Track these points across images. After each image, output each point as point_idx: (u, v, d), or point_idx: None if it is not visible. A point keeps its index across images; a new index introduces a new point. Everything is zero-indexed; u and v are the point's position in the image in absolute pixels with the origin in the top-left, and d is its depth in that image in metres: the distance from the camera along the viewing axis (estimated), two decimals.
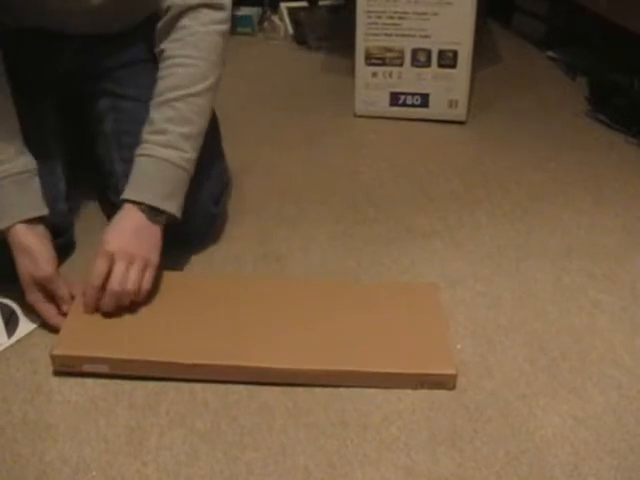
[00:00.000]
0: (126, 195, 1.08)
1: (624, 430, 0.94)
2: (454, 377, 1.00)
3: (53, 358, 1.00)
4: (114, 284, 1.02)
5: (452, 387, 1.00)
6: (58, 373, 1.01)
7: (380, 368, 1.00)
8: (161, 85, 1.12)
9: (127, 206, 1.07)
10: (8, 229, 1.05)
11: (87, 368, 1.00)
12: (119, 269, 1.03)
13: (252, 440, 0.92)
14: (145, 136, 1.10)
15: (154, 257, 1.07)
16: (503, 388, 1.00)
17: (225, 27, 1.18)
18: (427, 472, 0.88)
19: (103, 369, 1.00)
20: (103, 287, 1.03)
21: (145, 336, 1.03)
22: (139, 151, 1.10)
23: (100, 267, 1.02)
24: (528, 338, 1.09)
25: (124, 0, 1.22)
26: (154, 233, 1.08)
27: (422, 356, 1.02)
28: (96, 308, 1.04)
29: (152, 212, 1.07)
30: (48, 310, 1.06)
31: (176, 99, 1.10)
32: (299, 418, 0.95)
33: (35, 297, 1.05)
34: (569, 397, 0.99)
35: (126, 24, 1.27)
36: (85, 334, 1.03)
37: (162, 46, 1.14)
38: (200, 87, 1.12)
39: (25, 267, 1.04)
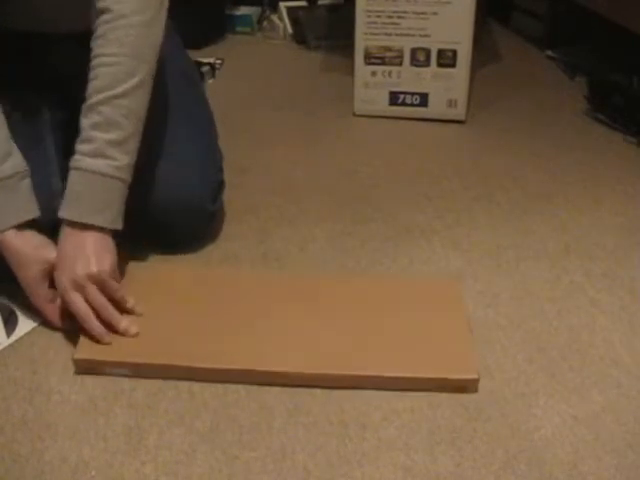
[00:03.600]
0: (59, 213, 1.05)
1: (623, 429, 0.94)
2: (476, 381, 0.98)
3: (75, 362, 1.00)
4: (83, 323, 1.01)
5: (474, 391, 0.98)
6: (57, 372, 1.01)
7: (400, 372, 0.98)
8: (88, 88, 1.05)
9: (63, 226, 1.05)
10: None
11: (109, 372, 1.00)
12: (79, 307, 1.01)
13: (251, 439, 0.92)
14: (75, 145, 1.06)
15: (103, 267, 1.02)
16: (502, 387, 1.00)
17: (150, 14, 1.06)
18: (426, 471, 0.88)
19: (125, 372, 1.00)
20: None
21: (166, 340, 1.03)
22: (70, 163, 1.06)
23: (70, 306, 1.02)
24: (527, 337, 1.09)
25: None
26: (97, 241, 1.04)
27: (443, 359, 0.99)
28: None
29: (85, 225, 1.04)
30: (54, 313, 1.06)
31: (101, 102, 1.04)
32: (298, 418, 0.95)
33: (40, 301, 1.05)
34: (568, 396, 0.99)
35: None
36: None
37: (91, 44, 1.08)
38: (125, 87, 1.04)
39: (29, 269, 1.04)
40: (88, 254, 1.02)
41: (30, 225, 1.06)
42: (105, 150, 1.04)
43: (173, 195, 1.20)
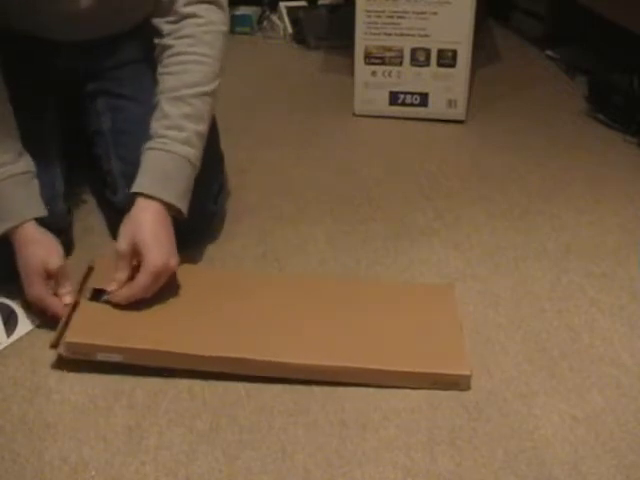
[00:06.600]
0: (144, 189, 1.06)
1: (623, 429, 0.94)
2: (468, 378, 0.99)
3: (67, 345, 0.99)
4: (138, 295, 1.04)
5: (466, 388, 0.99)
6: (57, 372, 1.01)
7: (394, 367, 1.00)
8: (174, 80, 1.11)
9: (147, 203, 1.05)
10: (16, 227, 1.05)
11: (101, 357, 1.00)
12: (151, 284, 1.03)
13: (251, 439, 0.92)
14: (160, 130, 1.08)
15: (174, 262, 1.06)
16: (502, 387, 1.00)
17: (227, 28, 1.19)
18: (426, 471, 0.88)
19: (117, 358, 0.99)
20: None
21: (159, 327, 1.03)
22: (153, 144, 1.08)
23: (138, 282, 1.03)
24: (527, 337, 1.09)
25: (112, 5, 1.21)
26: (172, 231, 1.07)
27: (437, 356, 1.01)
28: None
29: (167, 208, 1.07)
30: (56, 303, 1.06)
31: (193, 96, 1.10)
32: (298, 417, 0.95)
33: (42, 290, 1.05)
34: (568, 396, 0.99)
35: (119, 28, 1.27)
36: (98, 323, 1.03)
37: (169, 42, 1.13)
38: (214, 85, 1.13)
39: (37, 259, 1.04)
40: (167, 241, 1.05)
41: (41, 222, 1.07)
42: (194, 140, 1.09)
43: None
